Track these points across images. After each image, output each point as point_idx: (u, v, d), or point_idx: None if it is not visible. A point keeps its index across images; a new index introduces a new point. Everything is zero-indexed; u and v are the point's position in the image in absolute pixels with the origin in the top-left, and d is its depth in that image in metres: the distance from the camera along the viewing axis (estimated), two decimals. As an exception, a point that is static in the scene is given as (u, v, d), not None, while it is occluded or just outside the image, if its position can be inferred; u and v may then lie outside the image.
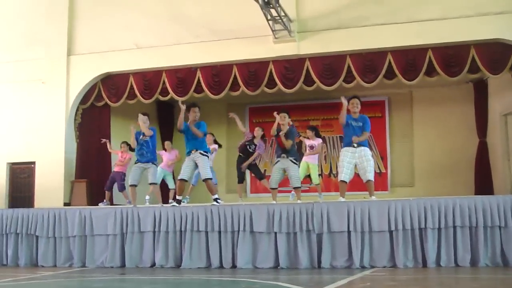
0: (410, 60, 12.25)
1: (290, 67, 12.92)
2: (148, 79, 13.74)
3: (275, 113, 10.59)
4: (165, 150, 13.34)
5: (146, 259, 9.92)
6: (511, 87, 12.36)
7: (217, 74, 13.32)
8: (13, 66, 14.43)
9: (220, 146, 12.98)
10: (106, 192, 12.90)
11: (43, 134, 13.77)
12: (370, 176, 9.62)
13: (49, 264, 10.40)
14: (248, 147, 11.96)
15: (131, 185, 11.07)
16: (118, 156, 13.06)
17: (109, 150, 13.33)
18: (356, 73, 12.45)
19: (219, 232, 9.57)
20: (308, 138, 12.09)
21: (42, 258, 10.48)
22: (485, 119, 14.52)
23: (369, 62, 12.47)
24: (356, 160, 9.61)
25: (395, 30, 12.08)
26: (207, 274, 8.73)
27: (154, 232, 9.92)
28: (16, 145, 14.08)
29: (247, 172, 13.18)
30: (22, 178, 14.28)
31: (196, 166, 10.31)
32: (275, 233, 9.30)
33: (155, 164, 11.12)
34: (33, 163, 14.01)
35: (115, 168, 13.16)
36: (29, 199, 13.75)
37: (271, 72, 12.93)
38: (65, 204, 13.10)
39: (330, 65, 12.68)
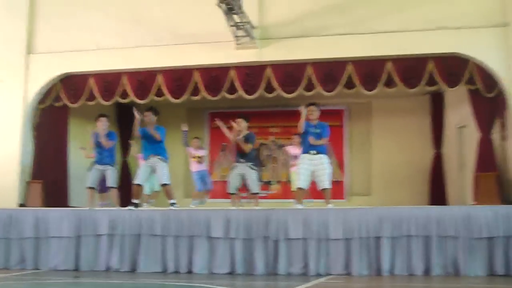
0: (370, 71, 12.38)
1: (251, 74, 12.93)
2: (108, 81, 13.58)
3: (233, 122, 10.62)
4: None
5: (101, 262, 9.82)
6: (467, 100, 12.60)
7: (178, 78, 13.24)
8: (-31, 62, 14.12)
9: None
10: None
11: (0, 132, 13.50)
12: (327, 184, 9.73)
13: (0, 266, 10.19)
14: None
15: (89, 188, 10.95)
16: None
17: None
18: (316, 82, 12.53)
19: (176, 236, 9.54)
20: (292, 145, 12.11)
21: (-6, 260, 10.27)
22: (441, 130, 14.81)
23: (330, 71, 12.56)
24: (313, 167, 9.70)
25: (356, 41, 12.21)
26: (163, 279, 8.69)
27: (110, 235, 9.83)
28: (-29, 143, 13.78)
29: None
30: (-25, 177, 13.96)
31: (153, 171, 10.30)
32: (232, 239, 9.30)
33: (113, 167, 11.04)
34: (-13, 162, 13.73)
35: None
36: (-18, 199, 13.45)
37: (232, 78, 12.92)
38: (20, 205, 12.86)
39: (291, 73, 12.73)
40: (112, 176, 10.97)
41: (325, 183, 9.72)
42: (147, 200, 12.86)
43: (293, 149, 12.15)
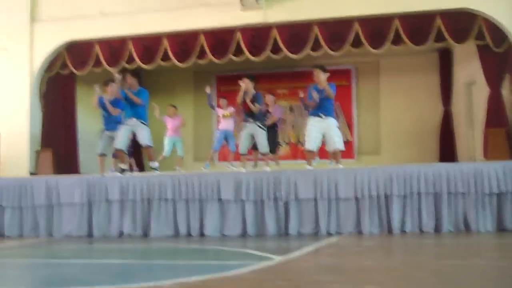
0: (377, 29, 12.28)
1: (257, 35, 12.86)
2: (114, 47, 13.55)
3: (239, 81, 10.58)
4: (169, 115, 13.19)
5: (114, 228, 9.90)
6: (475, 56, 12.50)
7: (184, 42, 13.19)
8: (-27, 33, 14.11)
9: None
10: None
11: (7, 103, 13.54)
12: (338, 145, 9.72)
13: (15, 234, 10.31)
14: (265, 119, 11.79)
15: (100, 155, 10.96)
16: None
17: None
18: (323, 42, 12.45)
19: (187, 200, 9.59)
20: None
21: (8, 228, 10.36)
22: (450, 88, 14.73)
23: (336, 31, 12.46)
24: (324, 130, 9.68)
25: (362, -1, 12.10)
26: (175, 242, 8.77)
27: (121, 200, 9.90)
28: (-21, 115, 13.86)
29: (212, 139, 13.19)
30: (-14, 148, 14.07)
31: (133, 134, 10.33)
32: (243, 201, 9.35)
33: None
34: (-3, 132, 13.82)
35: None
36: (-7, 169, 13.58)
37: (238, 40, 12.85)
38: (31, 174, 12.97)
39: (297, 33, 12.65)
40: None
41: (336, 144, 9.72)
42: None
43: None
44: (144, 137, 10.33)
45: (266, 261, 6.03)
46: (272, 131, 11.94)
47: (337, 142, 9.71)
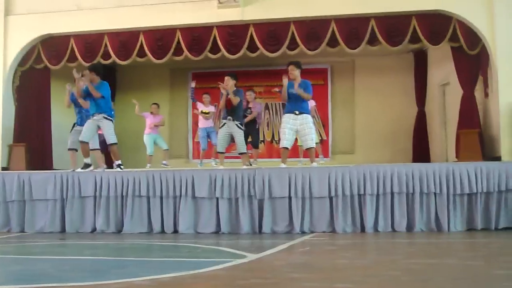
0: (353, 29, 12.33)
1: (234, 33, 12.84)
2: (90, 42, 13.41)
3: (220, 83, 10.56)
4: (151, 113, 13.22)
5: (87, 224, 9.86)
6: (450, 58, 12.62)
7: (160, 38, 13.12)
8: None
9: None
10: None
11: (-20, 95, 13.36)
12: (311, 143, 9.76)
13: (-14, 230, 10.22)
14: (246, 115, 11.83)
15: (71, 149, 10.89)
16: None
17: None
18: (299, 41, 12.47)
19: (161, 197, 9.58)
20: None
21: (-21, 223, 10.27)
22: (424, 88, 14.86)
23: (313, 30, 12.49)
24: (297, 127, 9.71)
25: (339, -2, 12.15)
26: (149, 239, 8.75)
27: (95, 197, 9.85)
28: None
29: (188, 137, 13.18)
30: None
31: (98, 128, 10.31)
32: (217, 198, 9.36)
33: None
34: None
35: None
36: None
37: (215, 38, 12.81)
38: (3, 169, 12.80)
39: (274, 32, 12.65)
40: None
41: (309, 142, 9.75)
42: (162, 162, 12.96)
43: None
44: (108, 134, 10.21)
45: (240, 258, 6.04)
46: (252, 127, 12.01)
47: (309, 140, 9.75)
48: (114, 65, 14.66)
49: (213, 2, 12.38)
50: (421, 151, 14.40)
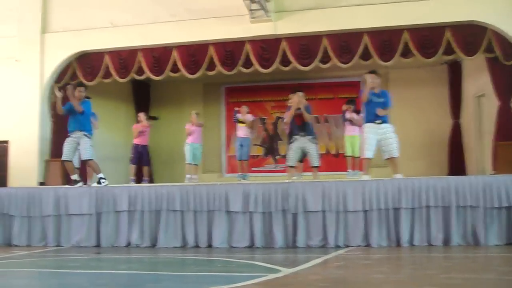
0: (386, 41, 12.30)
1: (266, 47, 12.90)
2: (124, 58, 13.62)
3: (291, 96, 10.55)
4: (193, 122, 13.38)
5: (122, 238, 9.91)
6: (485, 69, 12.48)
7: (193, 53, 13.24)
8: (-15, 43, 14.26)
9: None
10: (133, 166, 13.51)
11: (17, 113, 13.62)
12: (396, 152, 9.65)
13: (23, 244, 10.33)
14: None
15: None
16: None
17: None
18: (332, 54, 12.47)
19: (195, 211, 9.59)
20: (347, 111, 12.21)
21: (17, 238, 10.40)
22: (459, 100, 14.70)
23: (345, 43, 12.49)
24: (379, 136, 9.64)
25: (371, 11, 12.11)
26: (183, 253, 8.76)
27: (129, 211, 9.91)
28: (-11, 124, 13.96)
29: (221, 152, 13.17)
30: (-5, 157, 14.16)
31: (78, 145, 10.57)
32: (251, 212, 9.34)
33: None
34: (7, 142, 13.86)
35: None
36: (3, 178, 13.61)
37: (247, 52, 12.89)
38: (40, 184, 13.01)
39: (306, 46, 12.68)
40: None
41: (393, 152, 9.65)
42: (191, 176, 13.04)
43: (349, 114, 12.19)
44: (85, 151, 10.54)
45: (274, 273, 6.01)
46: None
47: (393, 149, 9.64)
48: (147, 80, 14.83)
49: (245, 17, 12.46)
50: (456, 163, 14.21)
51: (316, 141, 10.79)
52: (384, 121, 9.66)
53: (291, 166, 10.75)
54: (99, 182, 10.57)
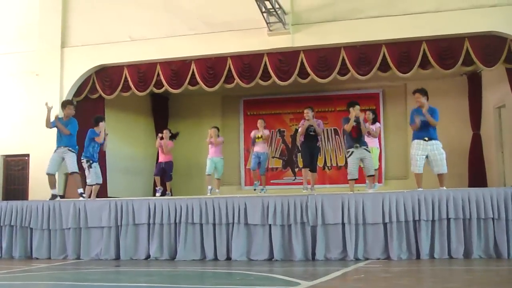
0: (404, 53, 12.26)
1: (284, 60, 12.91)
2: (142, 71, 13.71)
3: (356, 112, 10.56)
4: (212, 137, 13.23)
5: (141, 251, 9.94)
6: (505, 79, 12.37)
7: (212, 66, 13.30)
8: (6, 58, 14.43)
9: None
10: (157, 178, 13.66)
11: (37, 126, 13.66)
12: (444, 169, 9.70)
13: (43, 257, 10.41)
14: (308, 131, 11.73)
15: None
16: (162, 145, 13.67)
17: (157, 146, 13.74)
18: (350, 66, 12.45)
19: (214, 224, 9.59)
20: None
21: (37, 250, 10.48)
22: (479, 111, 14.57)
23: (364, 55, 12.47)
24: (428, 152, 9.70)
25: (389, 23, 12.09)
26: (202, 266, 8.76)
27: (148, 224, 9.94)
28: (10, 137, 14.08)
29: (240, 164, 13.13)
30: (16, 170, 14.27)
31: (63, 160, 11.07)
32: (270, 225, 9.32)
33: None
34: (27, 155, 13.99)
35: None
36: (23, 191, 13.72)
37: (265, 65, 12.91)
38: (60, 197, 13.07)
39: (324, 58, 12.67)
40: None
41: (442, 168, 9.70)
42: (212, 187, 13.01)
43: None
44: (71, 164, 11.01)
45: (294, 286, 5.98)
46: (315, 145, 11.97)
47: (442, 165, 9.70)
48: (166, 93, 14.90)
49: (263, 29, 12.50)
50: (477, 175, 14.06)
51: (370, 151, 10.81)
52: (432, 138, 9.75)
53: (353, 179, 10.74)
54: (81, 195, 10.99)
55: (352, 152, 10.53)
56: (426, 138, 9.71)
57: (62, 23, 14.11)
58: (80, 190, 11.01)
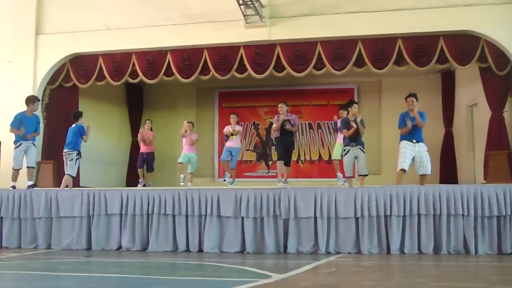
0: (380, 49, 12.33)
1: (260, 53, 12.91)
2: (118, 61, 13.59)
3: (356, 112, 10.58)
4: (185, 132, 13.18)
5: (113, 242, 9.90)
6: (478, 78, 12.52)
7: (188, 57, 13.24)
8: (-21, 44, 14.21)
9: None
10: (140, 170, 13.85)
11: (9, 113, 13.48)
12: (428, 170, 9.96)
13: (13, 246, 10.31)
14: (284, 128, 11.67)
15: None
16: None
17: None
18: (326, 60, 12.49)
19: (186, 216, 9.59)
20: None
21: (7, 240, 10.37)
22: (452, 109, 14.73)
23: (339, 50, 12.51)
24: (415, 153, 9.95)
25: (366, 19, 12.14)
26: (174, 258, 8.75)
27: (121, 215, 9.89)
28: (-19, 125, 13.88)
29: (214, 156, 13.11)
30: (-14, 158, 14.08)
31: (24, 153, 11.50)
32: (242, 217, 9.34)
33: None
34: (-1, 143, 13.83)
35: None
36: (-7, 179, 13.55)
37: (241, 57, 12.90)
38: (32, 186, 12.92)
39: (300, 52, 12.69)
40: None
41: (426, 169, 9.92)
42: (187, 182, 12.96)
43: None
44: (31, 159, 11.56)
45: (265, 278, 6.00)
46: (291, 141, 11.96)
47: (427, 167, 9.93)
48: (141, 84, 14.81)
49: (240, 22, 12.48)
50: (448, 172, 14.23)
51: (364, 151, 10.82)
52: (419, 141, 10.07)
53: (349, 177, 10.78)
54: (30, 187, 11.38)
55: (348, 150, 10.57)
56: (414, 141, 10.03)
57: (37, 9, 13.91)
58: (31, 183, 11.48)
